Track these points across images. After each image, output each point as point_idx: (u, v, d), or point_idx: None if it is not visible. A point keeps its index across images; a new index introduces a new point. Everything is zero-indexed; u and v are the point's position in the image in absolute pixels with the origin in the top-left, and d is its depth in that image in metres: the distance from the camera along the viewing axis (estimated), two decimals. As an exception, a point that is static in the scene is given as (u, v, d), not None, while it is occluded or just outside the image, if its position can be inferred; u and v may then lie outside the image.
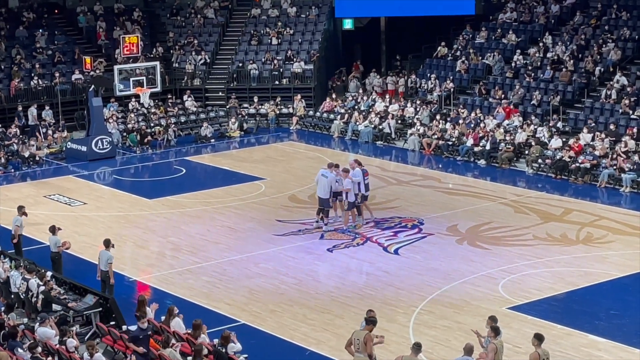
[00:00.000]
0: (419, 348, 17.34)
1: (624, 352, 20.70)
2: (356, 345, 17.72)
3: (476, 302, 23.45)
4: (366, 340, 17.65)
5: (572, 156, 35.91)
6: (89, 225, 30.83)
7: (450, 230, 29.43)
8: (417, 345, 17.40)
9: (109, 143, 40.70)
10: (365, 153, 41.12)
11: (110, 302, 21.96)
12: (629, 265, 25.99)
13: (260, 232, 29.74)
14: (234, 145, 43.22)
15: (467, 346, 17.04)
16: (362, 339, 17.65)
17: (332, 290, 24.81)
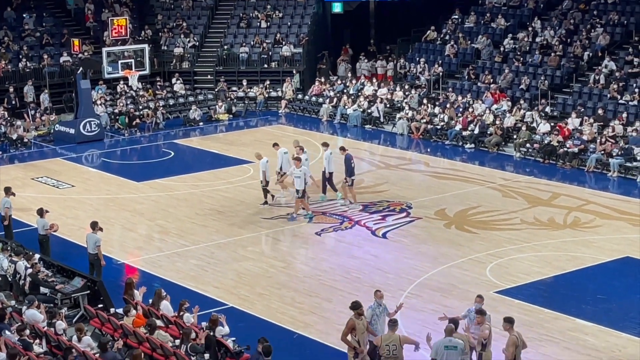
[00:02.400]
0: (394, 324, 17.43)
1: (610, 336, 20.80)
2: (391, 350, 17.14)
3: (464, 285, 23.52)
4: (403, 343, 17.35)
5: (560, 141, 35.99)
6: (76, 208, 30.79)
7: (438, 214, 29.49)
8: (392, 322, 17.49)
9: (97, 126, 40.61)
10: (354, 137, 41.15)
11: (98, 285, 21.95)
12: (616, 250, 26.10)
13: (248, 216, 29.74)
14: (222, 129, 43.18)
15: (447, 328, 17.13)
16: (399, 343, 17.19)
17: (320, 273, 24.84)
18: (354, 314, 17.96)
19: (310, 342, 20.63)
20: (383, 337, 17.32)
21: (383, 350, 17.19)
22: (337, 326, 21.41)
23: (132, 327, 19.51)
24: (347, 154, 30.59)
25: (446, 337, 16.91)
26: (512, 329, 17.17)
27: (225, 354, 19.09)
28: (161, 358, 18.78)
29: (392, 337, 17.19)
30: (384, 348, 17.17)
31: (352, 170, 30.31)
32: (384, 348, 17.15)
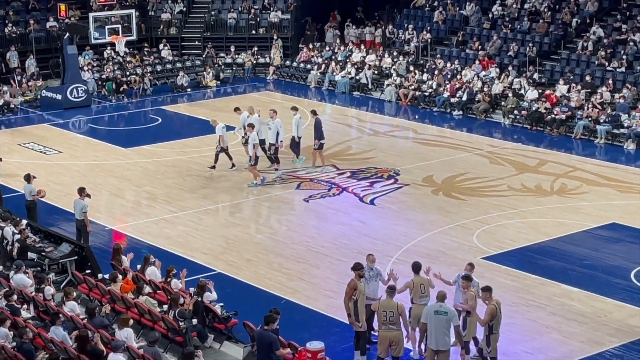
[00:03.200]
0: (392, 291, 17.45)
1: (596, 301, 20.92)
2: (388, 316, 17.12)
3: (451, 252, 23.60)
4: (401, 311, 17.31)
5: (547, 108, 36.01)
6: (64, 174, 30.73)
7: (425, 181, 29.53)
8: (390, 288, 17.51)
9: (84, 91, 40.45)
10: (342, 103, 41.11)
11: (86, 251, 21.95)
12: (602, 216, 26.20)
13: (236, 182, 29.72)
14: (209, 95, 43.07)
15: (439, 294, 17.17)
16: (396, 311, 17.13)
17: (307, 240, 24.89)
18: (355, 274, 17.98)
19: (298, 308, 20.70)
20: (381, 303, 17.34)
21: (380, 316, 17.25)
22: (325, 292, 21.55)
23: (119, 293, 19.54)
24: (317, 117, 30.75)
25: (437, 303, 16.98)
26: (491, 298, 17.22)
27: (213, 320, 19.15)
28: (149, 323, 18.84)
29: (390, 303, 17.19)
30: (381, 314, 17.22)
31: (322, 134, 30.33)
32: (381, 314, 17.19)
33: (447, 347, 16.80)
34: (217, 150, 30.60)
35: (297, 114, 31.25)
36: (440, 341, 16.77)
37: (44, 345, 17.46)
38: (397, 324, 17.16)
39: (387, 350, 17.27)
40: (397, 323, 17.16)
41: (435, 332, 16.81)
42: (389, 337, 17.13)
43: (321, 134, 30.64)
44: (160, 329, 18.40)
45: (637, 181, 29.45)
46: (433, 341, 16.83)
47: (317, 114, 31.43)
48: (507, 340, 19.01)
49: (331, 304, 20.85)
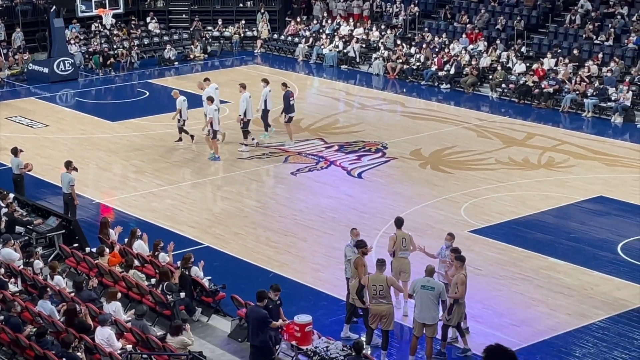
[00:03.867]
0: (382, 264, 17.48)
1: (582, 274, 21.01)
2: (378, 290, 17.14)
3: (439, 225, 23.64)
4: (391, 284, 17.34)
5: (535, 81, 36.03)
6: (51, 148, 30.65)
7: (413, 154, 29.55)
8: (380, 262, 17.54)
9: (71, 65, 40.29)
10: (330, 77, 41.05)
11: (73, 224, 21.93)
12: (589, 190, 26.28)
13: (224, 156, 29.69)
14: (197, 68, 42.94)
15: (428, 268, 17.21)
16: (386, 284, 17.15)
17: (295, 213, 24.91)
18: (359, 252, 18.02)
19: (285, 281, 20.72)
20: (371, 277, 17.37)
21: (370, 290, 17.28)
22: (312, 265, 21.59)
23: (107, 266, 19.54)
24: (287, 90, 30.79)
25: (425, 277, 17.02)
26: (461, 268, 17.29)
27: (201, 293, 19.18)
28: (137, 297, 18.86)
29: (379, 277, 17.23)
30: (371, 288, 17.24)
31: (291, 107, 30.43)
32: (371, 288, 17.22)
33: (434, 321, 16.86)
34: (179, 124, 30.43)
35: (267, 86, 31.11)
36: (426, 316, 16.84)
37: (31, 318, 17.47)
38: (388, 298, 17.21)
39: (377, 324, 17.33)
40: (388, 297, 17.20)
41: (421, 306, 16.88)
42: (380, 310, 17.19)
43: (290, 107, 30.53)
44: (148, 302, 18.42)
45: (624, 154, 29.55)
46: (419, 315, 16.91)
47: (287, 86, 31.29)
48: (494, 312, 19.13)
49: (319, 277, 20.91)
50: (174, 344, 16.36)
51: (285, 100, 30.56)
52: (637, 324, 18.74)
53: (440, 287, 16.92)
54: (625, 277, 20.82)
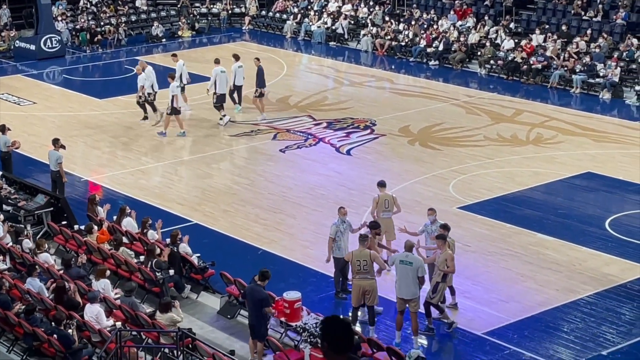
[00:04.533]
0: (365, 239, 17.55)
1: (571, 250, 21.08)
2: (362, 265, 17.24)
3: (427, 201, 23.61)
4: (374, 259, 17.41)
5: (524, 57, 36.01)
6: (38, 125, 30.54)
7: (402, 131, 29.54)
8: (363, 237, 17.62)
9: (58, 42, 40.10)
10: (318, 54, 40.96)
11: (62, 202, 21.88)
12: (577, 166, 26.33)
13: (212, 133, 29.64)
14: (185, 45, 42.77)
15: (407, 243, 17.30)
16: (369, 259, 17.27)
17: (284, 190, 24.90)
18: (372, 233, 18.08)
19: (274, 258, 20.75)
20: (354, 253, 17.44)
21: (354, 265, 17.33)
22: (302, 242, 21.61)
23: (96, 244, 19.53)
24: (260, 65, 30.66)
25: (403, 252, 17.11)
26: (444, 245, 17.37)
27: (190, 270, 19.19)
28: (126, 274, 18.85)
29: (362, 252, 17.30)
30: (354, 263, 17.30)
31: (263, 82, 30.36)
32: (355, 263, 17.28)
33: (413, 296, 16.91)
34: (141, 100, 30.31)
35: (238, 62, 31.04)
36: (404, 291, 16.92)
37: (20, 296, 17.46)
38: (371, 273, 17.26)
39: (360, 300, 17.38)
40: (371, 272, 17.26)
41: (400, 282, 16.97)
42: (362, 285, 17.23)
43: (262, 82, 30.50)
44: (137, 279, 18.42)
45: (612, 130, 29.60)
46: (399, 290, 17.01)
47: (260, 61, 31.22)
48: (483, 288, 19.19)
49: (308, 254, 20.93)
50: (163, 320, 16.38)
51: (259, 74, 30.51)
52: (625, 299, 18.82)
53: (419, 262, 16.96)
54: (613, 253, 20.90)
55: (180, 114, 29.26)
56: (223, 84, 30.05)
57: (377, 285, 17.38)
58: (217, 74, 30.00)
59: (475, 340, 17.47)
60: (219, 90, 29.98)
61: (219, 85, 29.96)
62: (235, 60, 31.06)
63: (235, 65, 30.75)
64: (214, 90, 29.97)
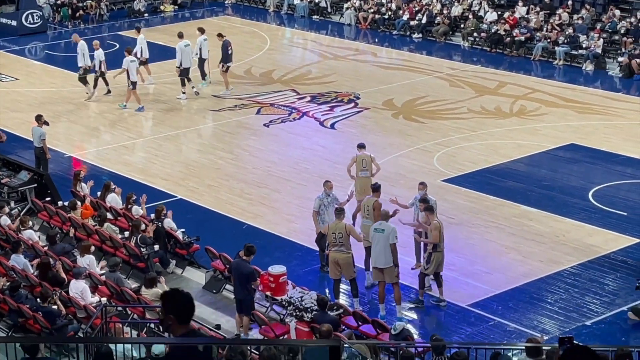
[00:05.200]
0: (341, 212, 17.63)
1: (554, 221, 21.17)
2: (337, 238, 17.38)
3: (411, 175, 23.70)
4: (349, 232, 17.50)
5: (507, 29, 35.99)
6: (21, 102, 30.38)
7: (386, 105, 29.54)
8: (338, 211, 17.70)
9: (40, 17, 39.85)
10: (301, 27, 40.83)
11: (45, 178, 21.81)
12: (561, 137, 26.40)
13: (196, 108, 29.58)
14: (167, 20, 42.57)
15: (383, 212, 17.41)
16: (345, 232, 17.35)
17: (268, 165, 24.89)
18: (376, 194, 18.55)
19: (259, 232, 20.78)
20: (330, 226, 17.52)
21: (330, 238, 17.40)
22: (286, 216, 21.63)
23: (80, 220, 19.49)
24: (225, 40, 30.65)
25: (378, 221, 17.21)
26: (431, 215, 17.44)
27: (175, 245, 19.20)
28: (110, 250, 18.84)
29: (338, 225, 17.39)
30: (330, 236, 17.38)
31: (228, 57, 30.37)
32: (331, 236, 17.36)
33: (387, 264, 16.98)
34: (97, 75, 30.29)
35: (203, 35, 31.00)
36: (379, 259, 17.01)
37: (4, 272, 17.43)
38: (347, 246, 17.32)
39: (336, 272, 17.44)
40: (347, 245, 17.32)
41: (375, 250, 17.07)
42: (337, 258, 17.29)
43: (228, 57, 30.46)
44: (121, 255, 18.41)
45: (595, 102, 29.67)
46: (374, 259, 17.10)
47: (224, 36, 31.15)
48: (467, 260, 19.28)
49: (292, 228, 20.97)
50: (148, 296, 16.40)
51: (224, 49, 30.50)
52: (608, 270, 18.95)
53: (390, 228, 17.02)
54: (596, 224, 21.01)
55: (135, 88, 29.27)
56: (187, 57, 30.12)
57: (353, 260, 17.43)
58: (181, 48, 30.08)
59: (459, 312, 17.57)
60: (183, 64, 30.04)
61: (184, 59, 30.06)
62: (200, 33, 31.06)
63: (200, 38, 30.79)
64: (181, 65, 30.06)
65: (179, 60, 29.93)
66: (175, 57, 30.13)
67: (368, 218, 18.38)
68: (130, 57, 29.08)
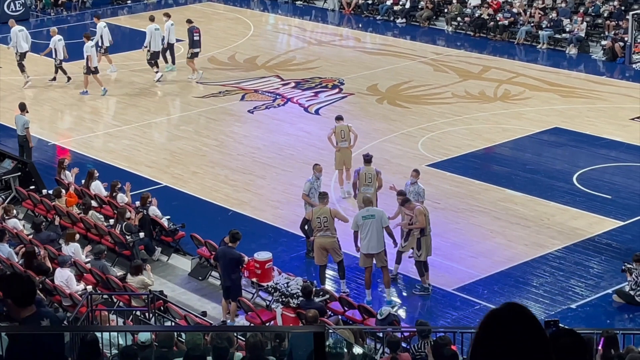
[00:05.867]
0: (324, 197, 17.69)
1: (539, 205, 21.23)
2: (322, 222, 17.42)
3: (396, 160, 23.73)
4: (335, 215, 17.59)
5: (490, 14, 36.00)
6: (4, 90, 30.22)
7: (370, 90, 29.53)
8: (322, 195, 17.76)
9: (22, 5, 39.65)
10: (285, 13, 40.75)
11: (29, 167, 21.74)
12: (545, 121, 26.45)
13: (180, 95, 29.52)
14: (150, 7, 42.38)
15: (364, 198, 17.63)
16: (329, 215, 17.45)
17: (253, 151, 24.86)
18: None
19: (245, 219, 20.77)
20: (314, 210, 17.56)
21: (314, 223, 17.42)
22: (272, 202, 21.63)
23: (65, 208, 19.45)
24: (192, 26, 30.76)
25: (364, 208, 17.23)
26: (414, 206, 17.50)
27: (161, 233, 19.19)
28: (96, 238, 18.81)
29: (322, 209, 17.43)
30: (315, 220, 17.40)
31: (195, 42, 30.47)
32: (315, 220, 17.39)
33: (380, 248, 17.03)
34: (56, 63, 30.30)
35: (169, 20, 31.09)
36: (372, 245, 17.03)
37: (-10, 262, 17.38)
38: (332, 230, 17.35)
39: (322, 258, 17.46)
40: (332, 229, 17.35)
41: (367, 237, 17.06)
42: (323, 243, 17.33)
43: (195, 43, 30.48)
44: (107, 243, 18.39)
45: (579, 85, 29.73)
46: (367, 245, 17.09)
47: (191, 22, 31.14)
48: (452, 245, 19.32)
49: (278, 214, 20.98)
50: (134, 283, 16.39)
51: (190, 35, 30.56)
52: (592, 253, 19.02)
53: (380, 212, 17.09)
54: (581, 207, 21.08)
55: (98, 73, 29.31)
56: (158, 41, 30.33)
57: (338, 242, 17.48)
58: (152, 32, 30.34)
59: (445, 296, 17.62)
60: (152, 48, 30.26)
61: (153, 43, 30.26)
62: (167, 18, 31.18)
63: (168, 23, 30.91)
64: (148, 47, 30.28)
65: (148, 41, 30.24)
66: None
67: (369, 186, 19.08)
68: (90, 43, 29.23)
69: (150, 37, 30.18)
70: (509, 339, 3.88)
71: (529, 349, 3.88)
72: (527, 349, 3.88)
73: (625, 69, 31.43)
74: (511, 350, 3.87)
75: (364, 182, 19.29)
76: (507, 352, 3.88)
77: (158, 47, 30.38)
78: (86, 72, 29.08)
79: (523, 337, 3.89)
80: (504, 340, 3.88)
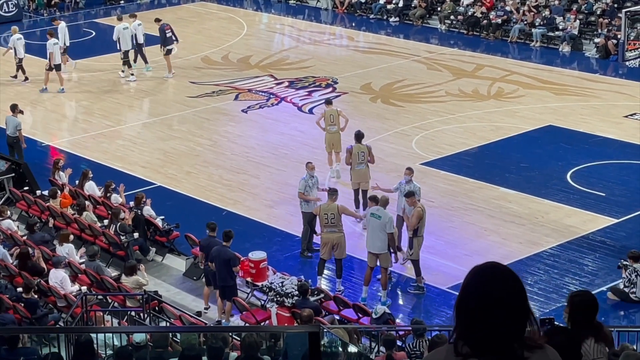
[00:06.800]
0: (333, 193, 17.72)
1: (532, 202, 21.25)
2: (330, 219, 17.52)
3: (390, 158, 23.73)
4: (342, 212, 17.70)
5: (483, 12, 36.01)
6: (-3, 91, 30.20)
7: (364, 89, 29.53)
8: (332, 191, 17.80)
9: (15, 6, 39.61)
10: (278, 12, 40.73)
11: (23, 168, 21.72)
12: (539, 119, 26.47)
13: (174, 95, 29.50)
14: (144, 7, 42.32)
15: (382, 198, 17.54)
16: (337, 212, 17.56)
17: (247, 150, 24.86)
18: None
19: (239, 219, 20.77)
20: (322, 207, 17.65)
21: (322, 219, 17.50)
22: (266, 202, 21.63)
23: (59, 209, 19.43)
24: (162, 24, 30.97)
25: (375, 206, 17.25)
26: (416, 202, 17.51)
27: (155, 233, 19.18)
28: (90, 238, 18.80)
29: (330, 206, 17.54)
30: (322, 217, 17.49)
31: (168, 39, 30.62)
32: (323, 217, 17.47)
33: (381, 250, 17.05)
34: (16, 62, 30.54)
35: (136, 20, 31.22)
36: (371, 244, 17.08)
37: (-16, 263, 17.36)
38: (339, 226, 17.42)
39: (329, 253, 17.52)
40: (339, 225, 17.41)
41: (368, 234, 17.14)
42: (331, 239, 17.39)
43: (167, 40, 30.64)
44: (101, 243, 18.38)
45: (573, 83, 29.76)
46: (367, 242, 17.16)
47: (160, 20, 31.27)
48: (446, 243, 19.34)
49: (272, 213, 20.98)
50: (128, 284, 16.38)
51: (161, 33, 30.72)
52: (586, 250, 19.05)
53: (387, 217, 17.08)
54: (575, 205, 21.11)
55: (60, 70, 29.51)
56: (127, 40, 30.52)
57: (345, 239, 17.54)
58: (120, 31, 30.56)
59: (440, 294, 17.64)
60: (123, 47, 30.50)
61: (123, 42, 30.48)
62: (133, 19, 31.44)
63: (135, 23, 30.98)
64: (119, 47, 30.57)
65: (116, 39, 30.51)
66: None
67: (362, 163, 19.88)
68: (53, 40, 29.44)
69: (118, 35, 30.40)
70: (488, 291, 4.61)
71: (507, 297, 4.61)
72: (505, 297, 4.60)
73: (619, 67, 31.46)
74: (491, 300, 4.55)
75: (357, 160, 19.86)
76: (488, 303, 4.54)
77: (128, 46, 30.59)
78: (48, 69, 29.27)
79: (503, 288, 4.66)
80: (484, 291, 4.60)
